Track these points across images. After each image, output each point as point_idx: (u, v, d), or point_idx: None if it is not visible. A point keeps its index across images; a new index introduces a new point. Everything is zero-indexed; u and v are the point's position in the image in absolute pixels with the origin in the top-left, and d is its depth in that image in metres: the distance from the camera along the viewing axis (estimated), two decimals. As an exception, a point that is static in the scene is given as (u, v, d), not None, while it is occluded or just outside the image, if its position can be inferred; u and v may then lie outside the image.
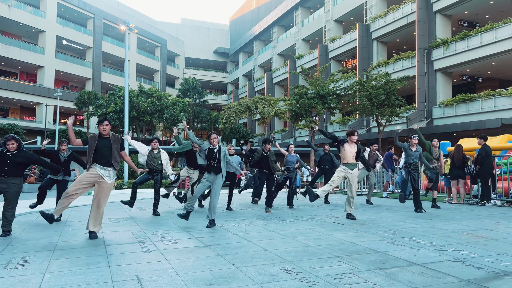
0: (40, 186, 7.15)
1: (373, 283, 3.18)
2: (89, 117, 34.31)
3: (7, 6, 37.25)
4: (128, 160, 5.76)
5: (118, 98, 25.05)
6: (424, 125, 26.11)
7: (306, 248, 4.49)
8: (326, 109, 24.70)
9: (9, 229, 5.47)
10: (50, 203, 8.25)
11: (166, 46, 56.67)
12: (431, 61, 26.29)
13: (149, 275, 3.46)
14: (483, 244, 4.58)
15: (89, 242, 5.06)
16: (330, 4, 37.11)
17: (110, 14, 48.24)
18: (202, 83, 55.77)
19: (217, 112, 46.74)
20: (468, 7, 25.34)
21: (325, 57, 36.30)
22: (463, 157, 9.12)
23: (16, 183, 5.32)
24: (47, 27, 40.86)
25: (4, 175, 5.23)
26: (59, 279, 3.39)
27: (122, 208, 9.31)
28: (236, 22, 64.57)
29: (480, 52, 23.27)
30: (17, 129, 32.95)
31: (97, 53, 45.81)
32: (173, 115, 26.86)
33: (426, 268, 3.60)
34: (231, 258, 4.05)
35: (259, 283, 3.20)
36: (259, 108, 26.47)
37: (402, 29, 29.06)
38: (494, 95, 22.51)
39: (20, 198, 5.64)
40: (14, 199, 5.33)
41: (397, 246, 4.56)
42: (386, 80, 22.42)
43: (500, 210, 7.95)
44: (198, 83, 47.59)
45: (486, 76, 28.05)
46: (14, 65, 40.76)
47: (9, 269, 3.73)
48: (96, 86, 44.58)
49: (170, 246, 4.76)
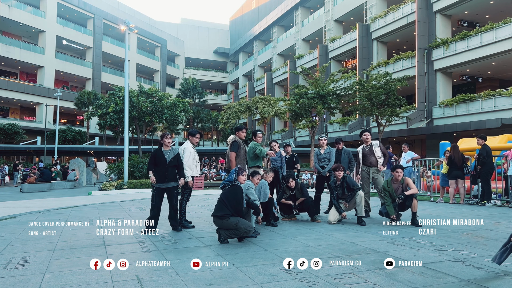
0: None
1: (373, 283, 3.18)
2: (89, 117, 34.28)
3: (7, 6, 37.24)
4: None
5: (118, 98, 25.03)
6: (424, 125, 26.11)
7: (306, 248, 4.49)
8: (326, 109, 24.68)
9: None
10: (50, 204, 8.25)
11: (166, 46, 56.66)
12: (431, 61, 26.28)
13: (149, 275, 3.46)
14: (483, 244, 4.58)
15: (89, 242, 5.06)
16: (330, 4, 37.10)
17: (110, 14, 48.22)
18: (202, 83, 55.77)
19: (217, 112, 46.72)
20: (468, 7, 25.33)
21: (325, 57, 36.30)
22: (462, 157, 9.13)
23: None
24: (47, 27, 40.84)
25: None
26: (59, 279, 3.39)
27: (122, 208, 9.32)
28: (236, 22, 64.55)
29: (480, 52, 23.26)
30: (17, 129, 32.92)
31: (97, 53, 45.80)
32: (173, 115, 26.85)
33: (426, 268, 3.60)
34: (231, 258, 4.05)
35: (259, 283, 3.20)
36: (259, 108, 26.45)
37: (402, 29, 29.05)
38: (494, 95, 22.50)
39: (20, 198, 5.64)
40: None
41: (397, 246, 4.56)
42: (386, 80, 22.40)
43: (500, 210, 7.95)
44: (198, 83, 47.58)
45: (486, 76, 28.05)
46: (14, 65, 40.74)
47: (9, 269, 3.73)
48: (96, 86, 44.57)
49: (170, 246, 4.76)
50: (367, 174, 7.19)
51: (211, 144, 51.52)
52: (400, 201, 6.06)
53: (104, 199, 12.06)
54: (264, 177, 6.37)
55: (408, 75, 24.99)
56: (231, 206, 4.89)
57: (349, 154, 7.50)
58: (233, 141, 6.54)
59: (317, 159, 7.47)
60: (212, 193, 13.64)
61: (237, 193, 5.01)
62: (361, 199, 6.31)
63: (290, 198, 6.78)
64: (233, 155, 6.40)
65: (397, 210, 6.21)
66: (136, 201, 11.22)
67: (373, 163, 7.11)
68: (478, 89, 28.21)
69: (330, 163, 7.27)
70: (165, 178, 5.73)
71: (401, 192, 6.10)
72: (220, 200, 5.00)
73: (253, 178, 5.79)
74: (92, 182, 23.96)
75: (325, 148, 7.49)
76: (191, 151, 6.23)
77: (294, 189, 6.72)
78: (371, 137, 7.32)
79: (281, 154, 7.43)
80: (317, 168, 7.46)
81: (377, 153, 7.11)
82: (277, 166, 7.32)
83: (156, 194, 5.76)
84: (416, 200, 6.04)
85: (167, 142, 5.87)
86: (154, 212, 5.76)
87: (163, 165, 5.73)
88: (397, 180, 6.21)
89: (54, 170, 21.26)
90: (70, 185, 20.12)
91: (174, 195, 5.83)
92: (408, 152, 11.35)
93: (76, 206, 9.84)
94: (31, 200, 11.94)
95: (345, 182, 6.46)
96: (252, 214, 5.40)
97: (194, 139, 6.33)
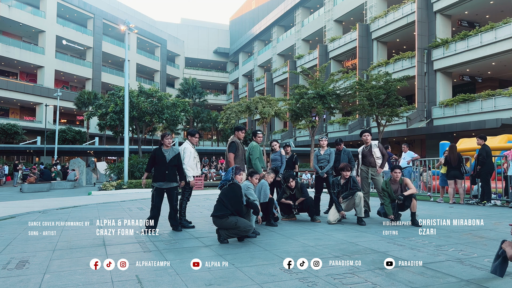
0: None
1: (373, 283, 3.18)
2: (89, 117, 34.27)
3: (7, 6, 37.23)
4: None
5: (118, 98, 25.02)
6: (424, 125, 26.10)
7: (306, 248, 4.49)
8: (326, 109, 24.68)
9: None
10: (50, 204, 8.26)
11: (166, 46, 56.65)
12: (431, 61, 26.28)
13: (149, 275, 3.46)
14: (483, 244, 4.58)
15: (89, 242, 5.06)
16: (330, 4, 37.10)
17: (110, 14, 48.21)
18: (202, 83, 55.77)
19: (217, 112, 46.71)
20: (468, 7, 25.33)
21: (325, 57, 36.30)
22: (458, 157, 9.15)
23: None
24: (47, 27, 40.83)
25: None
26: (59, 279, 3.39)
27: (122, 208, 9.32)
28: (236, 22, 64.55)
29: (480, 52, 23.27)
30: (17, 129, 32.90)
31: (97, 53, 45.79)
32: (173, 116, 26.85)
33: (426, 268, 3.60)
34: (231, 258, 4.05)
35: (259, 283, 3.20)
36: (259, 108, 26.42)
37: (402, 29, 29.05)
38: (494, 95, 22.50)
39: (20, 198, 5.64)
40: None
41: (397, 246, 4.56)
42: (386, 80, 22.40)
43: (500, 210, 7.95)
44: (198, 83, 47.58)
45: (486, 76, 28.05)
46: (14, 65, 40.73)
47: (9, 269, 3.73)
48: (96, 86, 44.56)
49: (170, 246, 4.76)
50: (366, 174, 7.22)
51: (211, 144, 51.52)
52: (400, 202, 6.06)
53: (104, 199, 12.06)
54: (265, 178, 6.38)
55: (408, 75, 24.99)
56: (230, 205, 4.88)
57: (349, 154, 7.51)
58: (231, 142, 6.55)
59: (317, 159, 7.50)
60: (212, 193, 13.64)
61: (236, 192, 5.00)
62: (360, 200, 6.31)
63: (290, 198, 6.79)
64: (232, 156, 6.41)
65: (396, 210, 6.22)
66: (136, 201, 11.22)
67: (372, 163, 7.13)
68: (478, 89, 28.21)
69: (329, 164, 7.30)
70: (165, 177, 5.72)
71: (400, 193, 6.10)
72: (219, 200, 5.00)
73: (252, 178, 5.79)
74: (92, 182, 23.96)
75: (325, 149, 7.51)
76: (191, 151, 6.24)
77: (294, 189, 6.73)
78: (371, 138, 7.33)
79: (281, 154, 7.45)
80: (316, 169, 7.49)
81: (375, 153, 7.12)
82: (277, 166, 7.34)
83: (156, 194, 5.76)
84: (415, 200, 6.05)
85: (168, 143, 5.85)
86: (154, 212, 5.76)
87: (163, 164, 5.72)
88: (395, 180, 6.21)
89: (54, 170, 21.26)
90: (70, 185, 20.12)
91: (174, 195, 5.83)
92: (407, 152, 11.35)
93: (76, 206, 9.84)
94: (31, 200, 11.94)
95: (350, 183, 6.48)
96: (252, 214, 5.40)
97: (193, 139, 6.35)
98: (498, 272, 3.26)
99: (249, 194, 5.40)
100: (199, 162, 6.47)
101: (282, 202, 6.84)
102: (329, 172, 7.28)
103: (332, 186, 6.59)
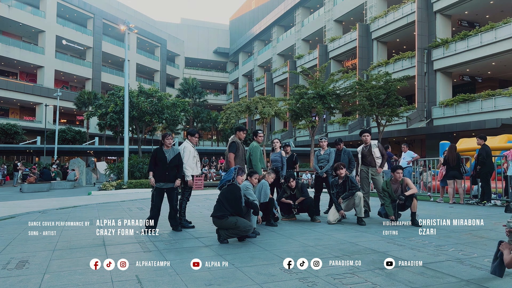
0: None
1: (373, 283, 3.18)
2: (89, 117, 34.26)
3: (7, 6, 37.22)
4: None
5: (118, 98, 25.01)
6: (424, 125, 26.10)
7: (306, 248, 4.49)
8: (326, 109, 24.67)
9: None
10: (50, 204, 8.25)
11: (166, 46, 56.64)
12: (431, 61, 26.28)
13: (149, 275, 3.46)
14: (483, 244, 4.58)
15: (89, 242, 5.06)
16: (330, 4, 37.10)
17: (110, 14, 48.20)
18: (202, 83, 55.76)
19: (217, 112, 46.70)
20: (468, 7, 25.33)
21: (325, 57, 36.29)
22: (457, 157, 9.14)
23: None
24: (47, 27, 40.83)
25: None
26: (59, 279, 3.39)
27: (122, 208, 9.31)
28: (236, 22, 64.55)
29: (480, 52, 23.26)
30: (17, 129, 32.89)
31: (97, 53, 45.79)
32: (173, 116, 26.85)
33: (426, 268, 3.60)
34: (231, 258, 4.05)
35: (259, 283, 3.20)
36: (259, 108, 26.41)
37: (402, 29, 29.05)
38: (494, 95, 22.50)
39: (20, 198, 5.64)
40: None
41: (397, 246, 4.56)
42: (386, 80, 22.40)
43: (500, 210, 7.95)
44: (198, 83, 47.57)
45: (486, 76, 28.05)
46: (14, 65, 40.73)
47: (9, 269, 3.73)
48: (96, 86, 44.56)
49: (170, 246, 4.76)
50: (366, 174, 7.21)
51: (211, 144, 51.51)
52: (401, 202, 6.06)
53: (104, 199, 12.06)
54: (265, 178, 6.37)
55: (408, 75, 24.99)
56: (229, 205, 4.88)
57: (349, 154, 7.50)
58: (231, 142, 6.55)
59: (317, 159, 7.52)
60: (212, 193, 13.64)
61: (235, 193, 5.00)
62: (360, 200, 6.31)
63: (290, 198, 6.79)
64: (232, 156, 6.41)
65: (396, 210, 6.21)
66: (136, 201, 11.22)
67: (371, 163, 7.12)
68: (478, 89, 28.20)
69: (328, 164, 7.30)
70: (165, 177, 5.71)
71: (401, 193, 6.10)
72: (219, 201, 5.00)
73: (251, 178, 5.79)
74: (92, 182, 23.95)
75: (325, 150, 7.53)
76: (191, 150, 6.24)
77: (295, 189, 6.73)
78: (370, 138, 7.33)
79: (281, 155, 7.44)
80: (316, 169, 7.50)
81: (375, 153, 7.12)
82: (278, 166, 7.34)
83: (156, 194, 5.76)
84: (416, 200, 6.04)
85: (168, 143, 5.84)
86: (154, 212, 5.76)
87: (163, 164, 5.71)
88: (396, 180, 6.21)
89: (54, 170, 21.25)
90: (70, 185, 20.11)
91: (174, 195, 5.82)
92: (407, 152, 11.36)
93: (76, 206, 9.83)
94: (31, 200, 11.94)
95: (347, 182, 6.47)
96: (252, 214, 5.40)
97: (193, 139, 6.35)
98: (497, 273, 3.26)
99: (249, 194, 5.40)
100: (199, 161, 6.46)
101: (282, 202, 6.84)
102: (329, 172, 7.28)
103: (331, 187, 6.58)
